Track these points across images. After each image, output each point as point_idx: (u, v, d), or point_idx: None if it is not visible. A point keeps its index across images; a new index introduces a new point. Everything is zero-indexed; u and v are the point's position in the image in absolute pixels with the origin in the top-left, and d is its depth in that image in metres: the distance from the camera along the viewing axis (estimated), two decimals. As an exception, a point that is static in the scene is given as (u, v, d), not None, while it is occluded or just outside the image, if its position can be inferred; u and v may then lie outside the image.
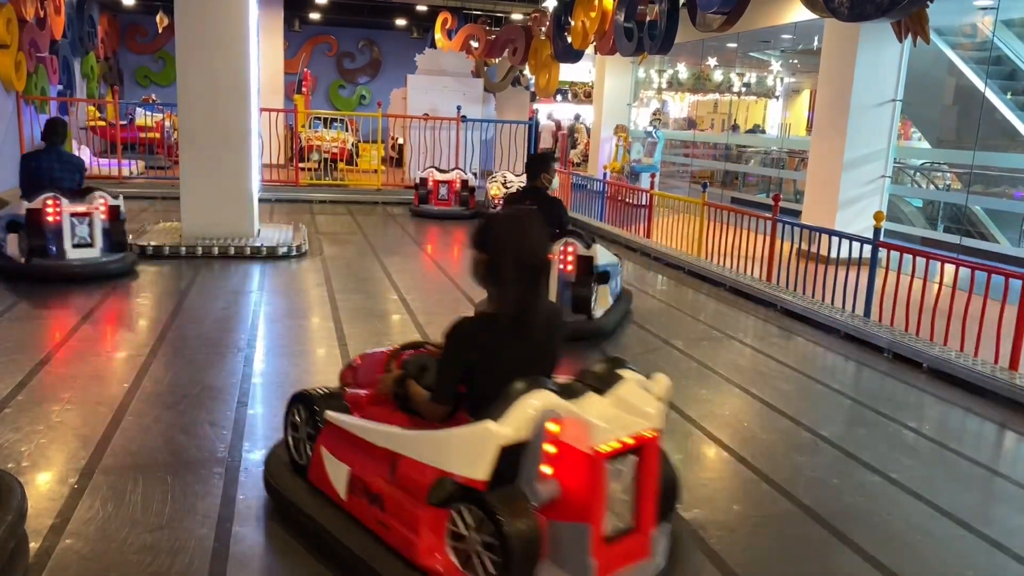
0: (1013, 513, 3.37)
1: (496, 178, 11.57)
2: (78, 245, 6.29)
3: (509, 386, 2.23)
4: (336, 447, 2.67)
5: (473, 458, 2.18)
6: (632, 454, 2.25)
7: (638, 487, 2.29)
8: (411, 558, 2.30)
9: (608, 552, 2.20)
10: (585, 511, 2.16)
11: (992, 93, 9.95)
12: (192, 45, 7.58)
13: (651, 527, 2.36)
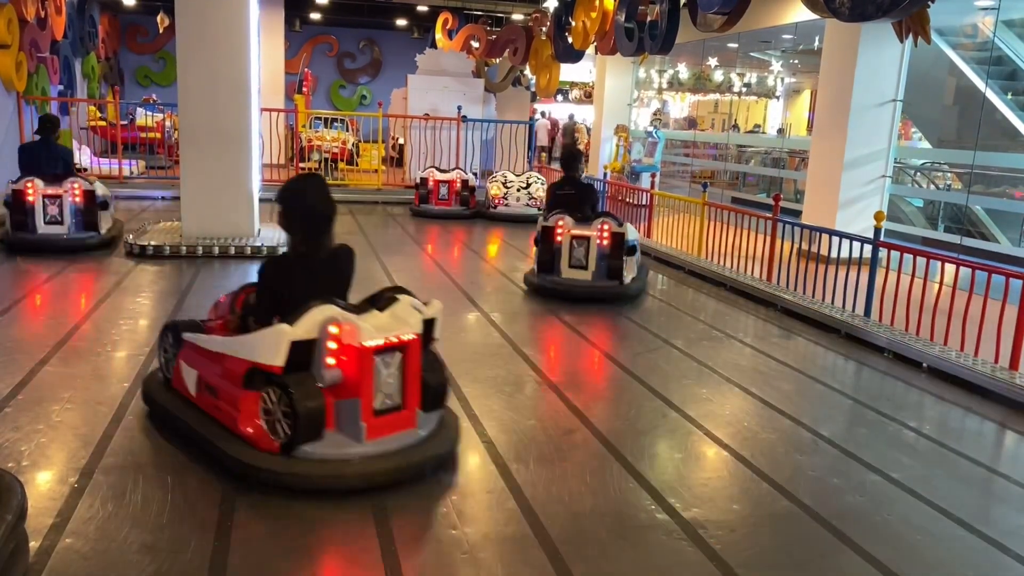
0: (1013, 513, 3.37)
1: (496, 178, 11.57)
2: (49, 223, 7.33)
3: (305, 304, 3.07)
4: (189, 358, 3.50)
5: (272, 351, 3.01)
6: (398, 351, 3.16)
7: (404, 376, 3.18)
8: (234, 429, 3.17)
9: (377, 421, 3.10)
10: (357, 390, 3.05)
11: (993, 93, 9.95)
12: (193, 45, 7.58)
13: (415, 406, 3.24)
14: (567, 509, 3.04)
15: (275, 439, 3.05)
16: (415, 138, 13.90)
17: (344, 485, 3.02)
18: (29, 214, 7.24)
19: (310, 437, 3.01)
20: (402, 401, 3.20)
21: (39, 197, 7.27)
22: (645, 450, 3.67)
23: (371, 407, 3.09)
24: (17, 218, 7.26)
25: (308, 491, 2.99)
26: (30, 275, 6.54)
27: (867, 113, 9.52)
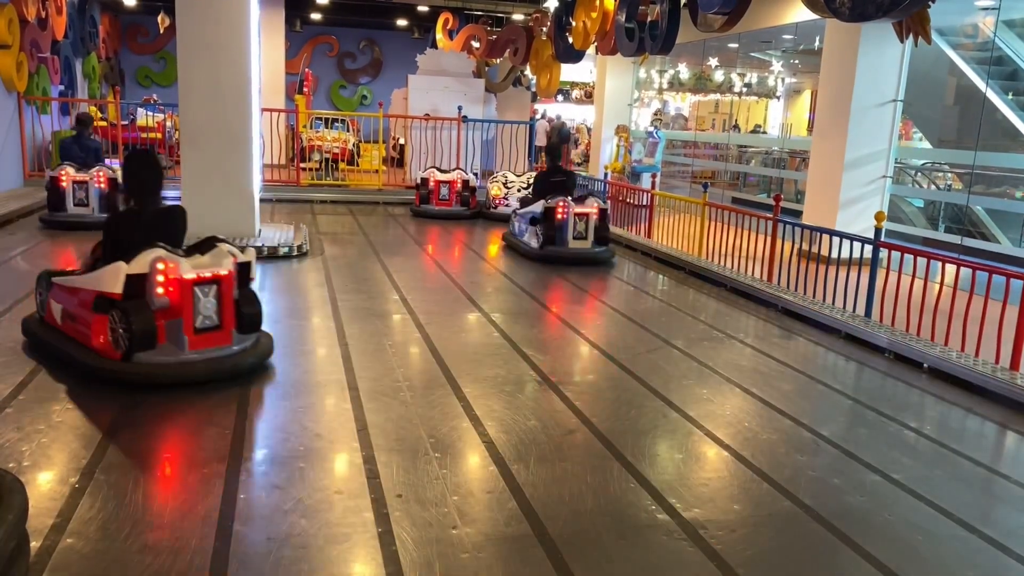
0: (1014, 513, 3.37)
1: (497, 178, 11.57)
2: (77, 204, 8.70)
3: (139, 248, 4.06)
4: (56, 296, 4.44)
5: (112, 282, 4.01)
6: (214, 284, 4.17)
7: (220, 303, 4.19)
8: (89, 345, 4.16)
9: (198, 338, 4.14)
10: (180, 312, 4.07)
11: (993, 93, 9.95)
12: (193, 45, 7.59)
13: (230, 327, 4.26)
14: (568, 509, 3.05)
15: (118, 350, 3.99)
16: (416, 138, 13.90)
17: (167, 380, 4.02)
18: (62, 197, 8.62)
19: (143, 347, 3.98)
20: (219, 322, 4.21)
21: (70, 183, 8.63)
22: (646, 450, 3.67)
23: (192, 326, 4.12)
24: (53, 200, 8.66)
25: (143, 385, 3.97)
26: (34, 276, 6.54)
27: (868, 113, 9.53)
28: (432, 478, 3.23)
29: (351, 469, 3.31)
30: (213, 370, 4.10)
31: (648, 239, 9.52)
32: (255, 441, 3.52)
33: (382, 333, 5.38)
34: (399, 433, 3.67)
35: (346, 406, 3.97)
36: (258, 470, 3.23)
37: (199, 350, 4.12)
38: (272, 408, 3.96)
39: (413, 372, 4.61)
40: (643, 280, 7.88)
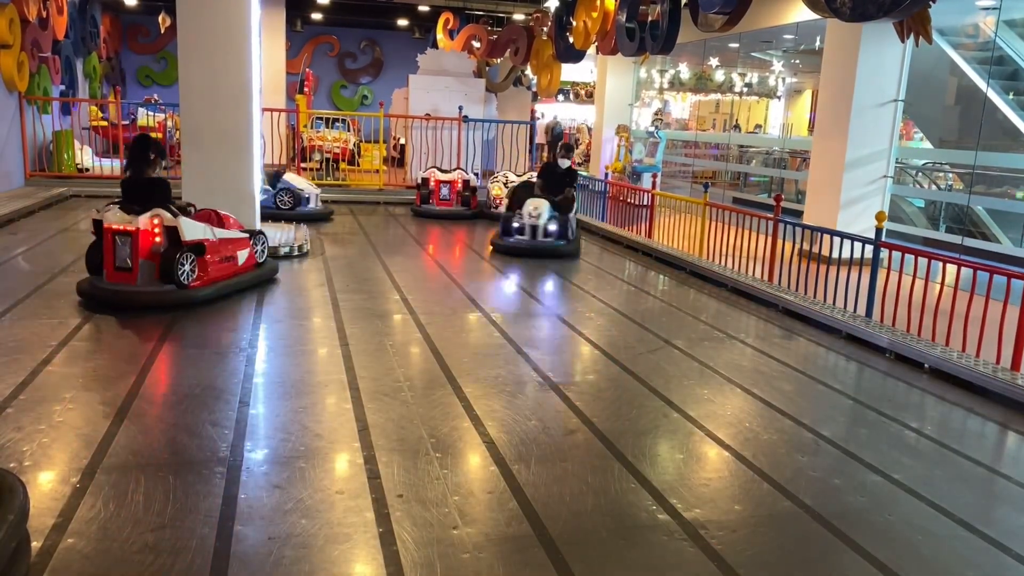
0: (1014, 513, 3.37)
1: (498, 178, 11.57)
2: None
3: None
4: None
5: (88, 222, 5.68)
6: (129, 236, 5.56)
7: (133, 251, 5.56)
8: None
9: (116, 275, 5.59)
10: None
11: (994, 93, 9.95)
12: (194, 45, 7.58)
13: (136, 270, 5.57)
14: (568, 509, 3.05)
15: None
16: (416, 138, 13.90)
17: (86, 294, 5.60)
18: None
19: (89, 271, 5.79)
20: (131, 266, 5.58)
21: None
22: (646, 450, 3.67)
23: (112, 265, 5.62)
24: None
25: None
26: (35, 276, 6.55)
27: (868, 113, 9.53)
28: (433, 478, 3.23)
29: (352, 469, 3.31)
30: (121, 300, 5.54)
31: (649, 239, 9.52)
32: (256, 441, 3.52)
33: (383, 333, 5.38)
34: (400, 433, 3.67)
35: (347, 406, 3.98)
36: (259, 470, 3.23)
37: (113, 283, 5.64)
38: (273, 408, 3.96)
39: (414, 372, 4.61)
40: (644, 280, 7.88)
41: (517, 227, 8.54)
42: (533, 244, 8.44)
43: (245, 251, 6.46)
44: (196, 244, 5.85)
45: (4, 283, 6.24)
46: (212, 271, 6.00)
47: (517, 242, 8.47)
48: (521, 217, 8.56)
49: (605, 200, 11.40)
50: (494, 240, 8.75)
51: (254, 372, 4.42)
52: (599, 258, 8.88)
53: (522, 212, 8.58)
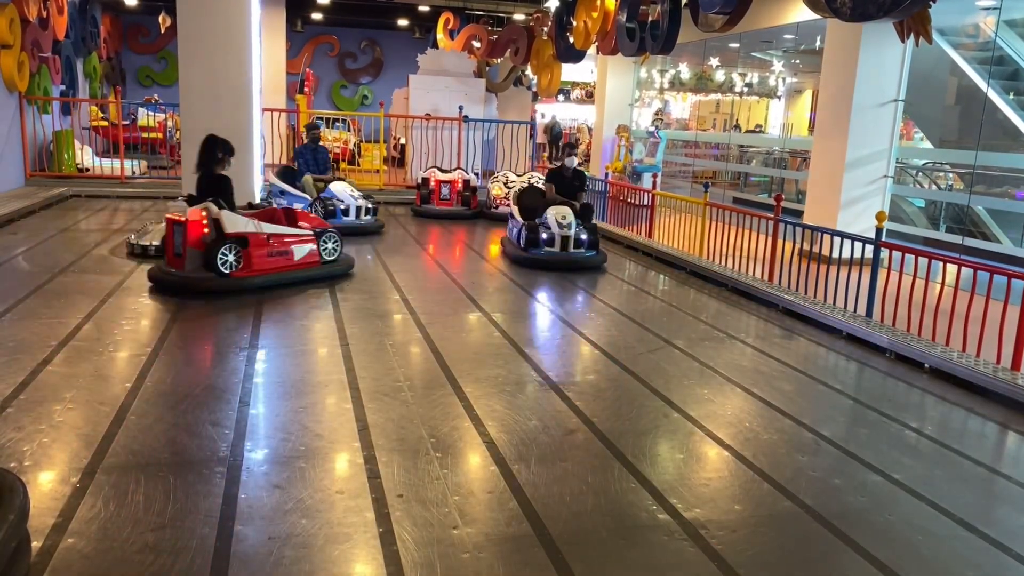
0: (1014, 513, 3.37)
1: (498, 178, 11.57)
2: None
3: None
4: None
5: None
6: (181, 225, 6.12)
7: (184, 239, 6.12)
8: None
9: (173, 260, 6.24)
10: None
11: (994, 93, 9.95)
12: (194, 45, 7.60)
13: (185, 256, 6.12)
14: (568, 509, 3.05)
15: None
16: (417, 138, 13.91)
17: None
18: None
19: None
20: (182, 252, 6.14)
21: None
22: (646, 450, 3.67)
23: (171, 251, 6.24)
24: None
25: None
26: (35, 276, 6.55)
27: (868, 113, 9.52)
28: (433, 478, 3.23)
29: (352, 469, 3.31)
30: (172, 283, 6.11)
31: (649, 239, 9.52)
32: (256, 441, 3.52)
33: (383, 333, 5.38)
34: (400, 433, 3.67)
35: (347, 406, 3.98)
36: (259, 470, 3.23)
37: (169, 267, 6.22)
38: (273, 408, 3.96)
39: (414, 372, 4.61)
40: (644, 280, 7.88)
41: (546, 238, 7.81)
42: (566, 256, 7.78)
43: (305, 248, 6.72)
44: (239, 236, 6.26)
45: (4, 283, 6.24)
46: (259, 263, 6.37)
47: (548, 255, 7.77)
48: (548, 227, 7.85)
49: (605, 200, 11.40)
50: (514, 252, 8.03)
51: (254, 372, 4.42)
52: (599, 258, 8.87)
53: (546, 221, 7.87)
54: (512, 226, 8.49)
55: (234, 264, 6.21)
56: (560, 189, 8.49)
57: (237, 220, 6.34)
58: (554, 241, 7.79)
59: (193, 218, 6.18)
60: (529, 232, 7.84)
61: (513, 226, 8.45)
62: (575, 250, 7.82)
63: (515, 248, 8.07)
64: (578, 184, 8.62)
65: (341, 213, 9.21)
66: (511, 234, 8.51)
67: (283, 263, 6.56)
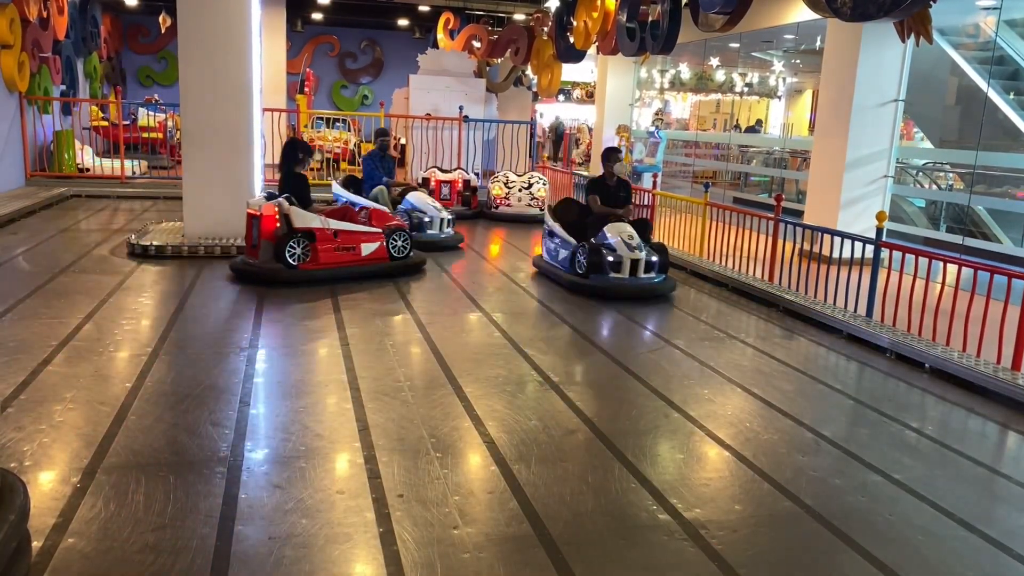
0: (1015, 513, 3.37)
1: (498, 178, 11.57)
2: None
3: None
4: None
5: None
6: (256, 219, 6.59)
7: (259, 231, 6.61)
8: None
9: (251, 251, 6.73)
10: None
11: (995, 93, 9.94)
12: (194, 45, 7.59)
13: (260, 246, 6.57)
14: (569, 509, 3.05)
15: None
16: (417, 138, 13.90)
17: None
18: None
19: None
20: (258, 244, 6.59)
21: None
22: (647, 450, 3.67)
23: (250, 243, 6.67)
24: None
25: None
26: (36, 276, 6.56)
27: (869, 113, 9.52)
28: (433, 478, 3.23)
29: (352, 469, 3.31)
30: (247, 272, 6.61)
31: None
32: (256, 441, 3.52)
33: (383, 333, 5.38)
34: (400, 433, 3.67)
35: (347, 406, 3.98)
36: (259, 470, 3.23)
37: (248, 257, 6.73)
38: (273, 408, 3.96)
39: (414, 372, 4.61)
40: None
41: (613, 261, 6.70)
42: (636, 284, 6.71)
43: (373, 244, 7.01)
44: (307, 231, 6.63)
45: (4, 283, 6.24)
46: (325, 257, 6.72)
47: (618, 283, 6.67)
48: (612, 248, 6.74)
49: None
50: (568, 278, 6.90)
51: (254, 372, 4.43)
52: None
53: (609, 241, 6.78)
54: (555, 247, 7.26)
55: (301, 257, 6.60)
56: (604, 201, 7.45)
57: (305, 215, 6.71)
58: (621, 265, 6.68)
59: (267, 213, 6.59)
60: (592, 255, 6.67)
61: (558, 247, 7.20)
62: (645, 275, 6.79)
63: (565, 272, 6.98)
64: (624, 195, 7.55)
65: (425, 226, 8.54)
66: (553, 256, 7.29)
67: (350, 258, 6.88)
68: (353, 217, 7.19)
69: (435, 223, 8.64)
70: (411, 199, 8.74)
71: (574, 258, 6.89)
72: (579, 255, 6.81)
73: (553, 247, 7.30)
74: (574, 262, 6.88)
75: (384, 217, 7.38)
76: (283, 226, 6.64)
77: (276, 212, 6.63)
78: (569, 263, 6.95)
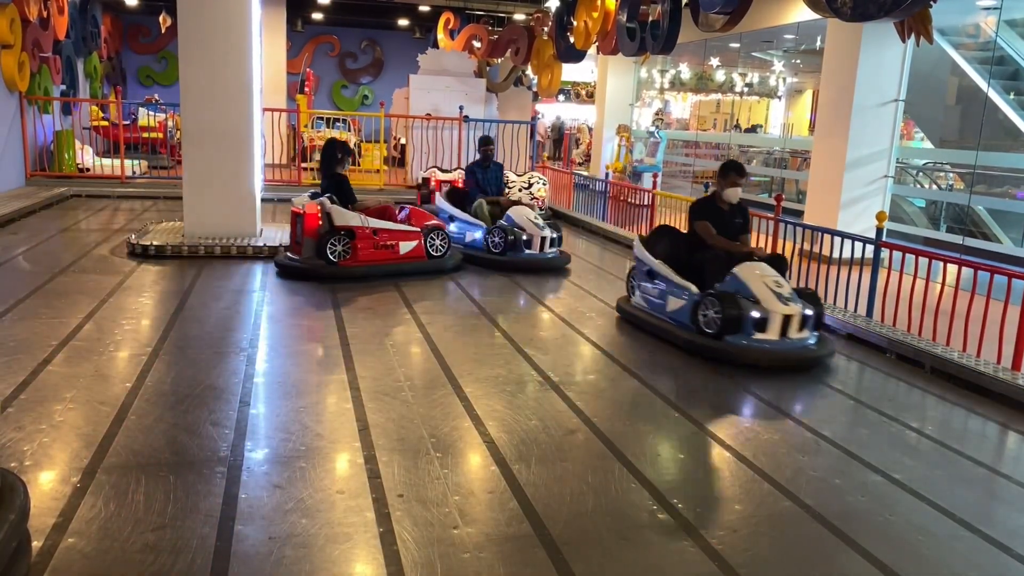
0: (1015, 513, 3.37)
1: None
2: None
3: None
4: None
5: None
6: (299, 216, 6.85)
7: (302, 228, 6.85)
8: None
9: (294, 248, 7.02)
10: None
11: (995, 93, 9.94)
12: (195, 45, 7.59)
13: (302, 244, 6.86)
14: (569, 509, 3.05)
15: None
16: (417, 138, 13.90)
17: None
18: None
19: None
20: (299, 240, 6.88)
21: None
22: (647, 450, 3.67)
23: (294, 240, 6.97)
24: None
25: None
26: (36, 276, 6.56)
27: (869, 113, 9.51)
28: (433, 478, 3.23)
29: (352, 469, 3.31)
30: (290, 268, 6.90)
31: (649, 239, 9.50)
32: (256, 441, 3.52)
33: (383, 332, 5.38)
34: (400, 433, 3.67)
35: (347, 406, 3.98)
36: (259, 470, 3.23)
37: (291, 253, 7.03)
38: (273, 407, 3.96)
39: (414, 372, 4.61)
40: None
41: (758, 318, 4.99)
42: (791, 349, 5.05)
43: (411, 243, 7.19)
44: (347, 229, 6.83)
45: (4, 283, 6.25)
46: (364, 255, 6.91)
47: (773, 347, 4.99)
48: (753, 298, 5.04)
49: (606, 200, 11.40)
50: (691, 339, 5.21)
51: (255, 372, 4.43)
52: (599, 258, 8.88)
53: (747, 289, 5.08)
54: (659, 292, 5.62)
55: (342, 254, 6.83)
56: (723, 230, 5.66)
57: (345, 214, 6.90)
58: (766, 323, 4.99)
59: (310, 211, 6.83)
60: (727, 306, 4.99)
61: (664, 292, 5.57)
62: (798, 335, 5.09)
63: (679, 328, 5.36)
64: (741, 221, 5.81)
65: (524, 245, 7.64)
66: (656, 304, 5.64)
67: (389, 255, 7.08)
68: (392, 216, 7.32)
69: (535, 242, 7.70)
70: (511, 214, 7.88)
71: (696, 311, 5.22)
72: (707, 308, 5.12)
73: (656, 292, 5.64)
74: (696, 315, 5.21)
75: (424, 217, 7.51)
76: (325, 224, 6.83)
77: (318, 211, 6.83)
78: (689, 316, 5.28)
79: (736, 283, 5.17)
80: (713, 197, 5.81)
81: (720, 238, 5.60)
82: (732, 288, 5.15)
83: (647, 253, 5.83)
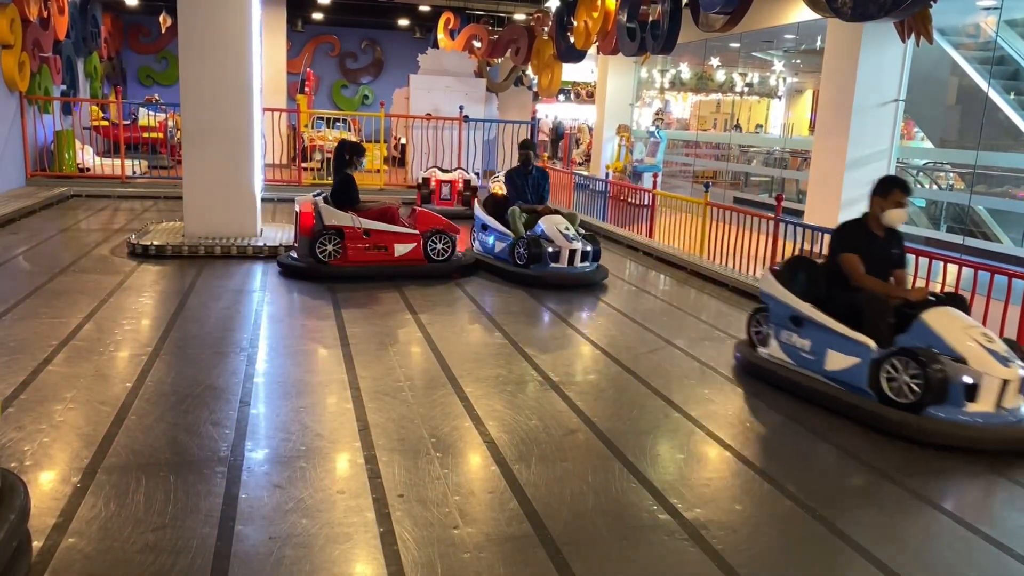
0: (1016, 513, 3.36)
1: (499, 178, 11.55)
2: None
3: None
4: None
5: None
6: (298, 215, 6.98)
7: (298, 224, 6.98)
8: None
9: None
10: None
11: (995, 93, 9.94)
12: (195, 45, 7.59)
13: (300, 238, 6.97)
14: (569, 509, 3.05)
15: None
16: (417, 138, 13.91)
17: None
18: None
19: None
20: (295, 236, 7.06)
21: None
22: (647, 450, 3.67)
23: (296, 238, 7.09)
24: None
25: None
26: (36, 276, 6.55)
27: (869, 113, 9.52)
28: (433, 478, 3.23)
29: (352, 469, 3.31)
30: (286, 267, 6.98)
31: (650, 239, 9.52)
32: (256, 441, 3.52)
33: (384, 333, 5.38)
34: (400, 433, 3.67)
35: (348, 406, 3.98)
36: (259, 470, 3.23)
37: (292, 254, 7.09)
38: (273, 407, 3.96)
39: (415, 372, 4.61)
40: (645, 280, 7.88)
41: (971, 384, 3.88)
42: (1012, 427, 3.88)
43: (408, 246, 7.06)
44: (337, 229, 6.80)
45: (4, 283, 6.25)
46: (355, 255, 6.86)
47: (989, 423, 3.86)
48: (964, 364, 3.90)
49: (606, 200, 11.40)
50: (909, 422, 3.90)
51: (255, 372, 4.43)
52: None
53: (954, 347, 3.95)
54: (811, 343, 4.45)
55: (332, 253, 6.78)
56: (870, 264, 4.52)
57: (336, 213, 6.87)
58: (976, 391, 3.87)
59: (305, 210, 6.83)
60: (931, 368, 3.84)
61: (816, 344, 4.42)
62: (1010, 406, 3.92)
63: (846, 393, 4.21)
64: (899, 253, 4.69)
65: (549, 258, 7.02)
66: (806, 358, 4.47)
67: (381, 257, 6.97)
68: (393, 218, 7.11)
69: (563, 255, 7.03)
70: (542, 223, 7.28)
71: (876, 372, 4.07)
72: (898, 370, 3.98)
73: (807, 344, 4.48)
74: (877, 379, 4.06)
75: (430, 220, 7.24)
76: (318, 223, 6.84)
77: (312, 209, 6.83)
78: (868, 380, 4.11)
79: (926, 335, 4.04)
80: (864, 220, 4.75)
81: (869, 278, 4.42)
82: (922, 342, 4.02)
83: (789, 293, 4.64)
